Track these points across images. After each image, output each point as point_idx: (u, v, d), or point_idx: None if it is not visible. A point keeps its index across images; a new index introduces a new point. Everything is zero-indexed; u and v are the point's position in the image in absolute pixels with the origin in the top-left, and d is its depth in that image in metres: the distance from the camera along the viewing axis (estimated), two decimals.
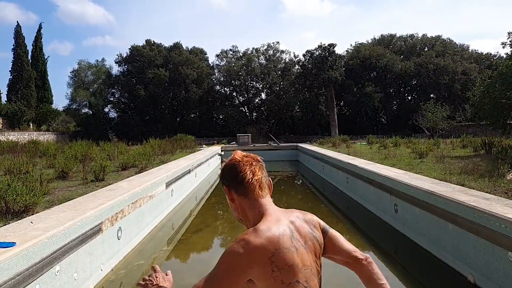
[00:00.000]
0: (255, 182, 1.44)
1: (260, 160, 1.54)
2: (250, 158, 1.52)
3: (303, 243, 1.41)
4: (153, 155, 15.69)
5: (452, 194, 6.15)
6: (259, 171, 1.48)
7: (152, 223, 8.62)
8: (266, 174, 1.53)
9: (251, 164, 1.48)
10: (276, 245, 1.32)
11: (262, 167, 1.52)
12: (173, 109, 42.39)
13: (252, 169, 1.47)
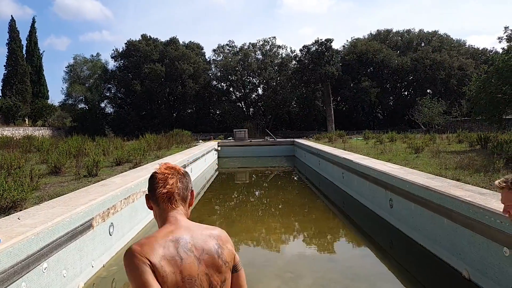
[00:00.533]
0: (164, 196, 1.50)
1: (183, 173, 1.59)
2: (170, 170, 1.56)
3: (196, 254, 1.42)
4: (148, 150, 15.58)
5: (447, 189, 6.10)
6: (175, 184, 1.53)
7: (146, 218, 8.53)
8: (185, 186, 1.57)
9: (168, 177, 1.53)
10: (162, 253, 1.36)
11: (181, 180, 1.56)
12: (169, 105, 42.19)
13: (167, 182, 1.52)
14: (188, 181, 1.60)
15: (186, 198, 1.57)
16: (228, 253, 1.50)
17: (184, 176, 1.58)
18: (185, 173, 1.60)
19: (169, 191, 1.50)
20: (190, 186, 1.60)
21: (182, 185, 1.55)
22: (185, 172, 1.61)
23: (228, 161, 23.90)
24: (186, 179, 1.58)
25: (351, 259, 6.64)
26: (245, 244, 7.72)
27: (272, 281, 5.46)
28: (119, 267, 6.14)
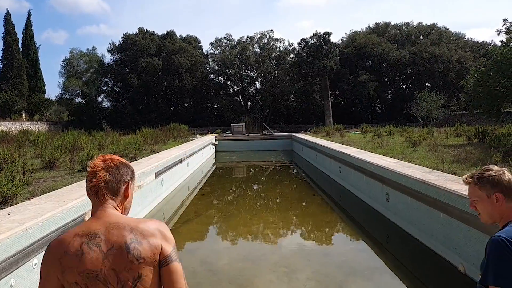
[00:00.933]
0: (91, 189, 1.51)
1: (115, 165, 1.55)
2: (103, 163, 1.54)
3: (103, 249, 1.41)
4: (145, 144, 15.49)
5: (444, 183, 6.05)
6: (103, 177, 1.50)
7: (141, 213, 8.47)
8: (117, 179, 1.53)
9: (96, 170, 1.51)
10: (65, 248, 1.39)
11: (112, 172, 1.52)
12: (166, 98, 42.01)
13: (95, 175, 1.50)
14: (122, 173, 1.54)
15: (118, 191, 1.53)
16: (147, 248, 1.43)
17: (118, 168, 1.54)
18: (118, 164, 1.55)
19: (95, 185, 1.48)
20: (124, 178, 1.55)
21: (112, 177, 1.51)
22: (120, 163, 1.56)
23: (226, 155, 23.83)
24: (119, 171, 1.54)
25: (347, 253, 6.61)
26: (241, 238, 7.68)
27: (267, 276, 5.41)
28: None
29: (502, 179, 1.81)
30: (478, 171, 1.91)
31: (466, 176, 1.95)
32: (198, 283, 5.15)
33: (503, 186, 1.80)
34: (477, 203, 1.89)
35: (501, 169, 1.86)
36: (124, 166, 1.57)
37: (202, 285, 5.10)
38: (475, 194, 1.89)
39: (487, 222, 1.89)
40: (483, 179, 1.85)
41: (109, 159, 1.55)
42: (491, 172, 1.84)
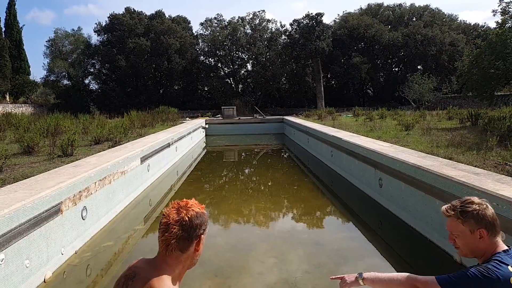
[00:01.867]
0: (160, 241, 1.50)
1: (188, 218, 1.49)
2: (174, 215, 1.49)
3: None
4: (132, 128, 15.04)
5: (440, 168, 5.80)
6: (175, 233, 1.47)
7: (125, 200, 8.14)
8: (191, 234, 1.50)
9: (169, 223, 1.48)
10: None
11: (185, 228, 1.49)
12: (156, 81, 41.10)
13: (166, 229, 1.48)
14: (196, 226, 1.50)
15: (188, 247, 1.51)
16: None
17: (192, 221, 1.49)
18: (193, 217, 1.50)
19: (167, 239, 1.47)
20: (197, 232, 1.51)
21: (186, 234, 1.48)
22: (195, 214, 1.50)
23: (216, 139, 23.44)
24: (193, 224, 1.49)
25: (338, 241, 6.37)
26: (231, 226, 7.41)
27: (256, 267, 5.15)
28: (94, 253, 5.79)
29: (486, 214, 1.73)
30: (460, 203, 1.78)
31: (447, 208, 1.82)
32: None
33: (487, 222, 1.73)
34: (457, 237, 1.79)
35: (483, 203, 1.77)
36: (199, 217, 1.50)
37: (186, 278, 4.80)
38: (457, 229, 1.78)
39: (467, 256, 1.80)
40: (466, 214, 1.74)
41: (183, 209, 1.48)
42: (475, 207, 1.74)
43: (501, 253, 1.72)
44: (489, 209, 1.76)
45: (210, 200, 9.44)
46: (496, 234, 1.76)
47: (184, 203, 1.51)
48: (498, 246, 1.75)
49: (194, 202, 1.54)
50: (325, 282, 4.68)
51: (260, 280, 4.75)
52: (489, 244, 1.74)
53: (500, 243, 1.76)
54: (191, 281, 4.74)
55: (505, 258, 1.69)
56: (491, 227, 1.74)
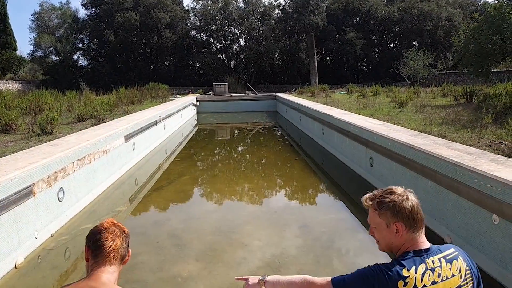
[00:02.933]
0: (104, 253, 1.50)
1: (125, 233, 1.61)
2: (116, 230, 1.57)
3: None
4: (119, 105, 14.59)
5: (433, 148, 5.56)
6: (120, 245, 1.55)
7: (108, 180, 7.85)
8: (126, 246, 1.60)
9: (112, 238, 1.53)
10: None
11: (125, 240, 1.59)
12: (146, 57, 40.09)
13: (112, 241, 1.53)
14: (128, 241, 1.63)
15: (124, 257, 1.59)
16: None
17: (126, 236, 1.61)
18: (125, 231, 1.61)
19: (114, 249, 1.51)
20: (127, 245, 1.62)
21: (124, 244, 1.58)
22: (124, 230, 1.62)
23: (207, 116, 23.04)
24: (126, 239, 1.61)
25: (327, 222, 6.18)
26: (216, 206, 7.20)
27: (238, 251, 4.95)
28: (72, 236, 5.55)
29: (404, 206, 1.55)
30: (380, 192, 1.64)
31: (366, 197, 1.67)
32: (161, 261, 4.65)
33: (404, 215, 1.55)
34: (375, 230, 1.65)
35: (405, 193, 1.60)
36: (125, 233, 1.62)
37: (166, 263, 4.60)
38: (374, 220, 1.63)
39: (384, 251, 1.67)
40: (383, 205, 1.59)
41: (118, 225, 1.59)
42: (393, 197, 1.58)
43: (410, 252, 1.54)
44: (410, 201, 1.57)
45: (197, 180, 9.21)
46: (416, 229, 1.57)
47: (115, 221, 1.61)
48: (416, 243, 1.57)
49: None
50: (310, 267, 4.49)
51: (243, 264, 4.54)
52: (407, 240, 1.57)
53: (421, 241, 1.58)
54: (169, 266, 4.53)
55: (409, 259, 1.51)
56: (409, 221, 1.55)
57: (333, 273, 4.44)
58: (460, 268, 1.52)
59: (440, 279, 1.47)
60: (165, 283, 4.16)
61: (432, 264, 1.49)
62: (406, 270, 1.46)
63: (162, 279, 4.24)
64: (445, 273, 1.49)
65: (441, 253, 1.54)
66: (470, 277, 1.53)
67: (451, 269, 1.50)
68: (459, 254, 1.57)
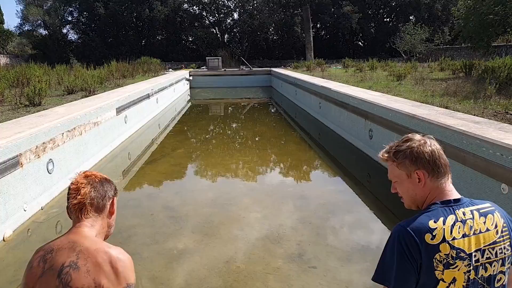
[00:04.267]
0: (72, 208, 1.39)
1: (99, 180, 1.45)
2: (85, 179, 1.42)
3: (45, 266, 1.29)
4: (110, 78, 14.15)
5: (437, 117, 5.37)
6: (88, 194, 1.39)
7: (100, 153, 7.61)
8: (102, 195, 1.43)
9: (80, 187, 1.39)
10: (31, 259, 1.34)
11: (97, 189, 1.42)
12: (137, 31, 39.02)
13: (77, 192, 1.39)
14: (106, 189, 1.45)
15: (103, 207, 1.44)
16: (80, 278, 1.24)
17: (102, 184, 1.45)
18: (102, 180, 1.46)
19: (80, 202, 1.38)
20: (109, 194, 1.46)
21: (98, 193, 1.42)
22: (103, 179, 1.47)
23: (201, 91, 22.62)
24: (104, 186, 1.45)
25: (325, 194, 6.04)
26: (212, 179, 7.03)
27: (236, 222, 4.80)
28: (63, 209, 5.33)
29: (423, 151, 1.37)
30: (396, 143, 1.46)
31: (382, 151, 1.50)
32: (155, 233, 4.49)
33: (424, 160, 1.37)
34: (397, 185, 1.48)
35: (422, 139, 1.41)
36: (107, 182, 1.48)
37: (160, 235, 4.44)
38: (394, 173, 1.46)
39: (411, 207, 1.47)
40: (400, 154, 1.41)
41: (91, 175, 1.45)
42: (409, 144, 1.41)
43: (437, 203, 1.34)
44: (429, 145, 1.38)
45: (191, 153, 9.02)
46: (440, 176, 1.37)
47: (90, 172, 1.47)
48: (443, 193, 1.37)
49: (100, 173, 1.51)
50: (310, 238, 4.36)
51: (240, 237, 4.40)
52: (432, 189, 1.38)
53: (448, 189, 1.38)
54: (164, 238, 4.37)
55: (436, 210, 1.32)
56: (430, 166, 1.36)
57: (334, 244, 4.34)
58: (496, 223, 1.33)
59: (472, 232, 1.29)
60: (160, 255, 4.01)
61: (463, 215, 1.31)
62: (433, 221, 1.29)
63: (157, 252, 4.08)
64: (478, 226, 1.30)
65: (474, 205, 1.35)
66: (508, 235, 1.35)
67: (486, 223, 1.32)
68: (496, 210, 1.38)
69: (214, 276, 3.59)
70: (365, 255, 3.99)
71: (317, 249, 4.08)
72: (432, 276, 1.28)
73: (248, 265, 3.76)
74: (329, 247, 4.17)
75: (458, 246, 1.27)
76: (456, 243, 1.27)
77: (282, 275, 3.57)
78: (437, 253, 1.27)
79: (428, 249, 1.27)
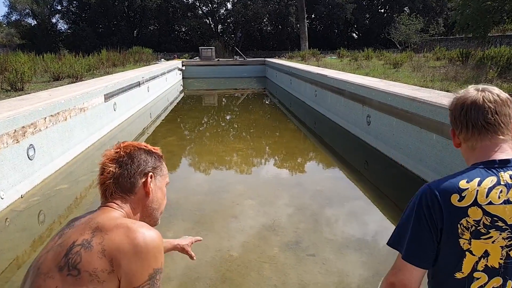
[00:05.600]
0: (98, 188, 1.17)
1: (126, 153, 1.16)
2: (111, 154, 1.16)
3: (58, 241, 1.06)
4: (100, 67, 13.73)
5: (438, 99, 5.14)
6: (112, 172, 1.13)
7: (87, 140, 7.29)
8: (132, 172, 1.14)
9: (104, 164, 1.15)
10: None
11: (123, 165, 1.14)
12: (129, 21, 38.33)
13: (102, 171, 1.15)
14: (140, 163, 1.16)
15: (132, 187, 1.14)
16: (92, 260, 0.98)
17: (132, 157, 1.15)
18: (134, 152, 1.17)
19: (103, 182, 1.14)
20: (142, 169, 1.16)
21: (124, 171, 1.13)
22: (136, 150, 1.18)
23: (194, 81, 22.24)
24: (135, 160, 1.15)
25: (321, 182, 5.79)
26: (206, 168, 6.75)
27: (229, 210, 4.54)
28: (45, 197, 5.05)
29: (457, 103, 1.17)
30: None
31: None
32: None
33: (455, 115, 1.17)
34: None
35: (472, 90, 1.16)
36: (143, 154, 1.18)
37: None
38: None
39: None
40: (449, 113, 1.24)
41: (123, 147, 1.17)
42: (455, 96, 1.21)
43: (479, 164, 1.10)
44: (472, 96, 1.13)
45: (184, 142, 8.73)
46: (479, 133, 1.12)
47: (126, 143, 1.20)
48: (489, 153, 1.11)
49: (144, 143, 1.24)
50: (308, 226, 4.11)
51: (234, 224, 4.14)
52: (474, 151, 1.14)
53: (494, 150, 1.10)
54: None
55: (473, 170, 1.09)
56: (461, 122, 1.14)
57: (334, 231, 4.10)
58: None
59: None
60: None
61: (510, 179, 1.05)
62: (465, 181, 1.05)
63: None
64: None
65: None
66: None
67: None
68: None
69: (206, 265, 3.33)
70: (365, 243, 3.75)
71: (315, 237, 3.84)
72: (456, 246, 1.05)
73: (242, 253, 3.51)
74: (327, 235, 3.92)
75: (494, 213, 1.03)
76: (493, 209, 1.03)
77: (278, 264, 3.32)
78: (463, 218, 1.04)
79: (452, 212, 1.04)
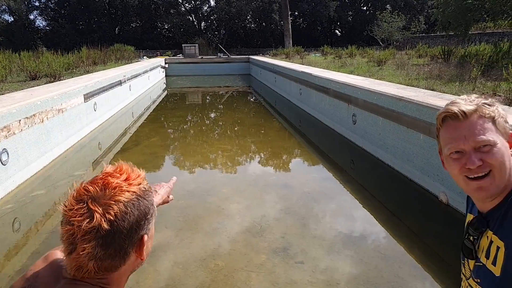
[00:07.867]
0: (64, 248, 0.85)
1: (119, 216, 0.78)
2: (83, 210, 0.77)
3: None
4: (79, 65, 13.33)
5: (425, 98, 5.10)
6: (87, 252, 0.77)
7: (66, 142, 7.02)
8: (119, 247, 0.80)
9: (73, 232, 0.79)
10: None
11: (105, 239, 0.77)
12: (110, 17, 37.56)
13: (72, 238, 0.79)
14: (132, 224, 0.80)
15: (118, 265, 0.82)
16: None
17: (120, 226, 0.78)
18: (126, 213, 0.79)
19: (75, 264, 0.81)
20: (135, 237, 0.83)
21: (105, 250, 0.78)
22: (131, 203, 0.80)
23: (177, 79, 21.91)
24: (121, 234, 0.78)
25: (307, 182, 5.70)
26: (189, 169, 6.58)
27: (214, 215, 4.40)
28: (20, 204, 4.81)
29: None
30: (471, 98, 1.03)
31: (466, 103, 1.01)
32: None
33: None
34: (491, 151, 1.02)
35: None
36: (133, 210, 0.80)
37: None
38: (487, 132, 1.01)
39: (498, 190, 0.98)
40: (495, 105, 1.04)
41: (100, 204, 0.76)
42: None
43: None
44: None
45: (168, 143, 8.52)
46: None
47: (102, 184, 0.79)
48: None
49: (123, 176, 0.83)
50: (296, 230, 4.01)
51: (220, 230, 4.01)
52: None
53: None
54: None
55: None
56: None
57: (322, 235, 4.01)
58: None
59: None
60: None
61: None
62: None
63: None
64: None
65: None
66: None
67: None
68: None
69: (190, 276, 3.19)
70: (355, 247, 3.67)
71: (303, 242, 3.74)
72: None
73: (228, 262, 3.38)
74: (315, 240, 3.83)
75: None
76: None
77: (266, 273, 3.21)
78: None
79: None
